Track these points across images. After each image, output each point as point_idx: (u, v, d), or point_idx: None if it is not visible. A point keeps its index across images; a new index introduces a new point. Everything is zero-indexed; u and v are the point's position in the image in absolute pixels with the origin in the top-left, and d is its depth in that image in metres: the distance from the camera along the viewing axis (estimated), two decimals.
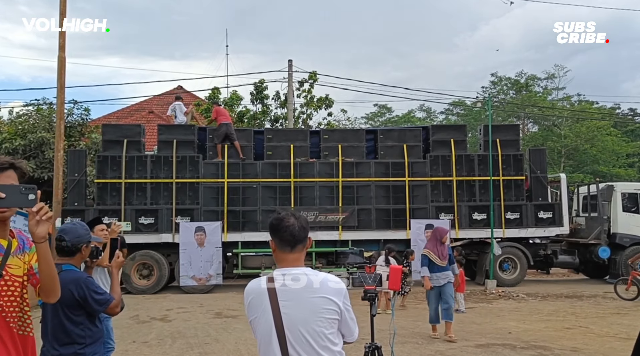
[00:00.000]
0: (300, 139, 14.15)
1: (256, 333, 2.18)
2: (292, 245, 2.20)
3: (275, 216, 2.26)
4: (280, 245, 2.21)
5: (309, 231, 2.28)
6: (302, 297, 2.12)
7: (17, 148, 15.58)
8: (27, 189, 2.01)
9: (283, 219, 2.21)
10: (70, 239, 3.05)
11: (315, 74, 21.01)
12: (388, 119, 45.96)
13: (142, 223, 13.13)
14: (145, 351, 7.19)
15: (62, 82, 13.30)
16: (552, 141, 32.13)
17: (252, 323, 2.19)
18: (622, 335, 7.91)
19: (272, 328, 2.09)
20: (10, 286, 2.12)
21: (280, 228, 2.19)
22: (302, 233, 2.21)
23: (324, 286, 2.16)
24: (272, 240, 2.25)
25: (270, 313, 2.10)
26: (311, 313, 2.11)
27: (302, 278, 2.16)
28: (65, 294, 2.83)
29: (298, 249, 2.21)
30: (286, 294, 2.12)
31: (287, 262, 2.21)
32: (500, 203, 13.90)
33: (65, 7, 13.29)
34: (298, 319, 2.10)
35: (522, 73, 39.15)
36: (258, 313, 2.14)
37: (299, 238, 2.20)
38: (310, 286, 2.15)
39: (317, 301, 2.12)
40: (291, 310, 2.10)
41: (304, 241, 2.23)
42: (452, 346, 7.28)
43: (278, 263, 2.24)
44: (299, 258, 2.23)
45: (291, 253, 2.21)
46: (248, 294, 2.21)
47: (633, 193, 15.00)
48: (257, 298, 2.15)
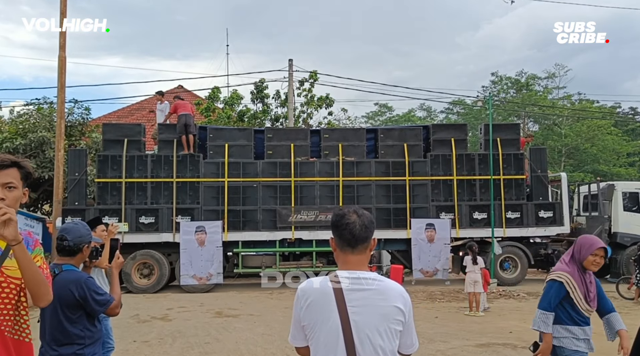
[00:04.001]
0: (301, 138, 14.13)
1: (315, 338, 1.98)
2: (352, 245, 2.03)
3: (336, 211, 2.11)
4: (340, 244, 2.06)
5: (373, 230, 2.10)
6: (372, 304, 1.96)
7: (17, 148, 15.58)
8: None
9: (344, 215, 2.05)
10: (72, 239, 3.03)
11: (316, 74, 21.01)
12: (388, 119, 45.94)
13: (142, 223, 13.13)
14: (146, 351, 7.19)
15: (63, 82, 13.32)
16: (552, 140, 32.11)
17: (310, 327, 1.99)
18: None
19: (339, 334, 1.92)
20: (5, 288, 2.04)
21: (340, 225, 2.04)
22: (363, 232, 2.03)
23: (394, 293, 2.01)
24: (332, 238, 2.11)
25: (337, 317, 1.93)
26: (381, 321, 1.95)
27: (371, 283, 2.00)
28: (66, 294, 2.83)
29: (359, 249, 2.04)
30: (355, 299, 1.95)
31: (350, 264, 2.04)
32: (501, 202, 13.89)
33: (65, 6, 13.30)
34: (368, 326, 1.93)
35: (522, 72, 39.16)
36: (322, 316, 1.96)
37: (359, 237, 2.02)
38: (380, 292, 1.99)
39: (387, 310, 1.97)
40: (360, 316, 1.94)
41: (366, 241, 2.05)
42: (453, 346, 7.27)
43: (340, 264, 2.09)
44: (363, 261, 2.06)
45: (353, 254, 2.04)
46: (307, 295, 2.02)
47: (634, 192, 14.98)
48: (321, 299, 1.97)
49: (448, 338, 7.80)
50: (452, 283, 13.78)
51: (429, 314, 9.98)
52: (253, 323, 9.01)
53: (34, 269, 2.01)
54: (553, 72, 37.55)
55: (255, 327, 8.67)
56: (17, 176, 2.12)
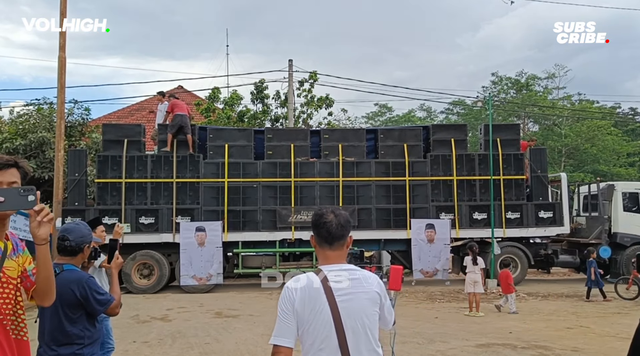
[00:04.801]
0: (301, 138, 14.14)
1: (308, 329, 2.11)
2: (329, 242, 2.22)
3: (315, 211, 2.31)
4: (319, 241, 2.25)
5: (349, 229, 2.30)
6: (355, 292, 2.15)
7: (17, 148, 15.58)
8: (26, 191, 1.97)
9: (322, 215, 2.25)
10: (74, 239, 3.03)
11: (316, 74, 21.01)
12: (388, 119, 45.97)
13: (142, 223, 13.13)
14: (146, 351, 7.20)
15: (63, 82, 13.31)
16: (552, 140, 32.11)
17: (305, 319, 2.11)
18: (622, 334, 7.89)
19: (331, 322, 2.09)
20: (5, 288, 2.10)
21: (319, 224, 2.23)
22: (339, 231, 2.22)
23: (372, 281, 2.23)
24: (312, 236, 2.30)
25: (328, 307, 2.10)
26: (368, 305, 2.16)
27: (353, 274, 2.20)
28: (67, 294, 2.82)
29: (336, 246, 2.23)
30: (341, 289, 2.14)
31: (330, 259, 2.24)
32: (501, 202, 13.90)
33: (65, 7, 13.30)
34: (356, 311, 2.13)
35: (522, 72, 39.16)
36: (314, 307, 2.10)
37: (336, 235, 2.22)
38: (360, 281, 2.20)
39: (370, 295, 2.18)
40: (348, 304, 2.12)
41: (342, 239, 2.24)
42: (453, 346, 7.27)
43: (320, 260, 2.28)
44: (341, 255, 2.26)
45: (331, 250, 2.23)
46: (297, 290, 2.14)
47: (634, 192, 14.98)
48: (311, 292, 2.12)
49: (448, 338, 7.80)
50: (452, 283, 13.78)
51: (429, 314, 9.98)
52: (253, 324, 9.01)
53: (52, 270, 2.16)
54: (553, 73, 37.60)
55: (255, 327, 8.67)
56: (19, 176, 2.17)
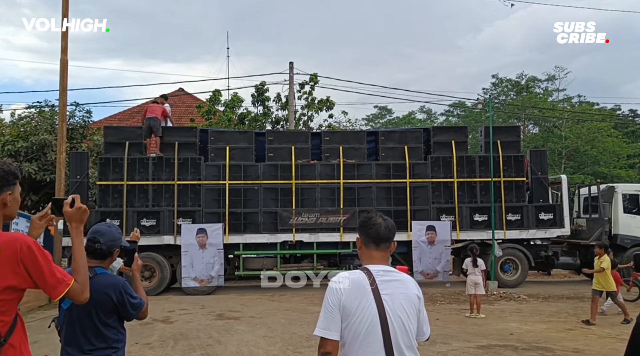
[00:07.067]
0: (302, 141, 14.17)
1: (354, 322, 2.17)
2: (377, 243, 2.33)
3: (364, 214, 2.46)
4: (366, 242, 2.36)
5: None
6: (399, 291, 2.24)
7: (19, 150, 15.62)
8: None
9: (371, 217, 2.38)
10: (105, 242, 2.91)
11: (316, 76, 21.07)
12: (389, 121, 46.05)
13: (143, 225, 13.14)
14: (148, 353, 7.22)
15: (64, 85, 13.33)
16: (552, 142, 32.12)
17: (351, 312, 2.17)
18: (623, 336, 7.91)
19: (376, 316, 2.16)
20: None
21: (368, 224, 2.36)
22: (387, 233, 2.35)
23: (412, 284, 2.32)
24: (358, 238, 2.41)
25: (374, 304, 2.17)
26: (407, 305, 2.24)
27: (394, 275, 2.30)
28: (103, 299, 2.74)
29: (382, 247, 2.34)
30: (385, 287, 2.22)
31: (374, 259, 2.33)
32: (501, 204, 13.92)
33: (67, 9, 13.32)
34: (399, 309, 2.20)
35: (522, 74, 39.23)
36: (360, 301, 2.18)
37: (384, 237, 2.34)
38: (403, 282, 2.29)
39: (410, 297, 2.26)
40: (392, 301, 2.20)
41: (388, 241, 2.36)
42: (454, 348, 7.29)
43: (365, 260, 2.37)
44: (384, 257, 2.36)
45: (376, 251, 2.34)
46: (343, 284, 2.22)
47: (634, 194, 15.01)
48: (357, 287, 2.20)
49: (449, 339, 7.82)
50: (452, 285, 13.79)
51: (430, 316, 9.85)
52: (254, 325, 9.03)
53: (84, 253, 2.32)
54: (553, 75, 37.66)
55: (257, 329, 8.69)
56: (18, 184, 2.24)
